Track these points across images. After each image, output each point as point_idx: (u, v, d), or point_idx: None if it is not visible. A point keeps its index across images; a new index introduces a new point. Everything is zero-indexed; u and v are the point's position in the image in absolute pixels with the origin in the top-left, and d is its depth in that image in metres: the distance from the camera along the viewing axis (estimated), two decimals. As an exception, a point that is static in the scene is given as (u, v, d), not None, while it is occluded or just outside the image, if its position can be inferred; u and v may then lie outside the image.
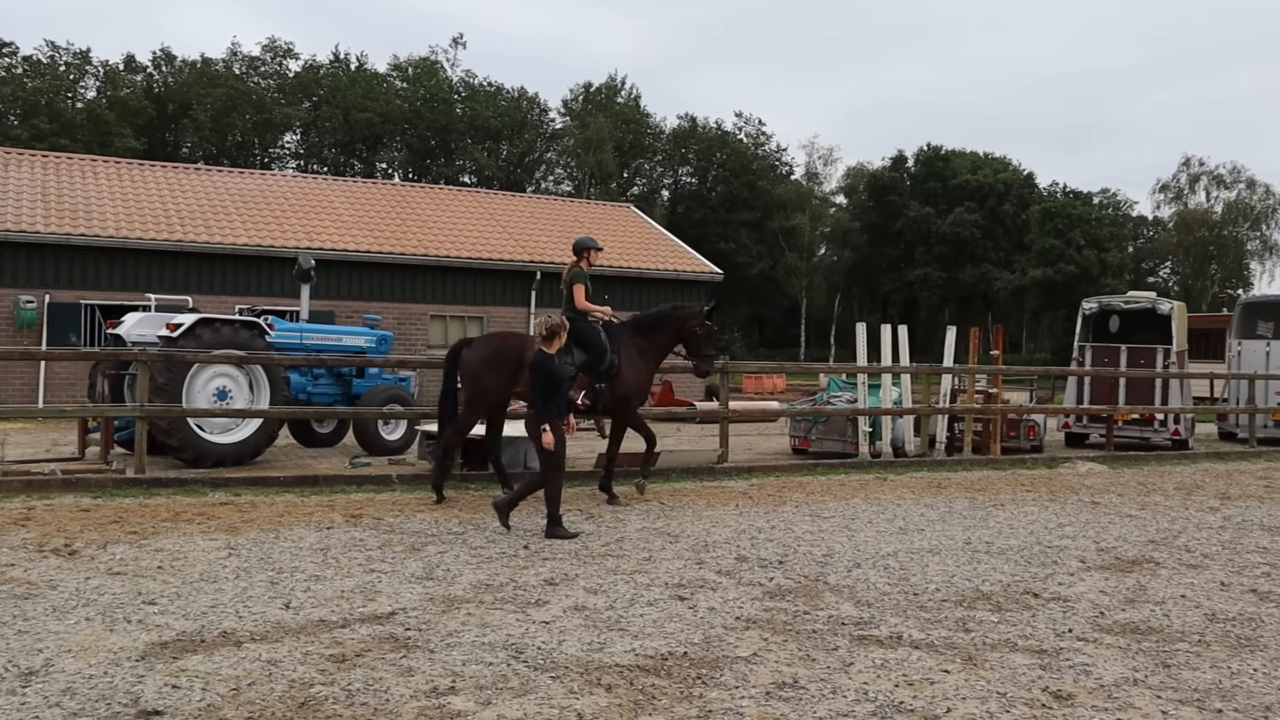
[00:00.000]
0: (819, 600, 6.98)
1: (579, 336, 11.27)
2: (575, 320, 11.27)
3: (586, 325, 11.56)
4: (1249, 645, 6.18)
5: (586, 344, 11.42)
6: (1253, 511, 11.64)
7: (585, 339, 11.41)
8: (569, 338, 10.46)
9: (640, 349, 11.95)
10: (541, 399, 9.21)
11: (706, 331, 12.13)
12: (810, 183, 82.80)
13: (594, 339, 11.52)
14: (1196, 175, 79.35)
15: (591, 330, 11.58)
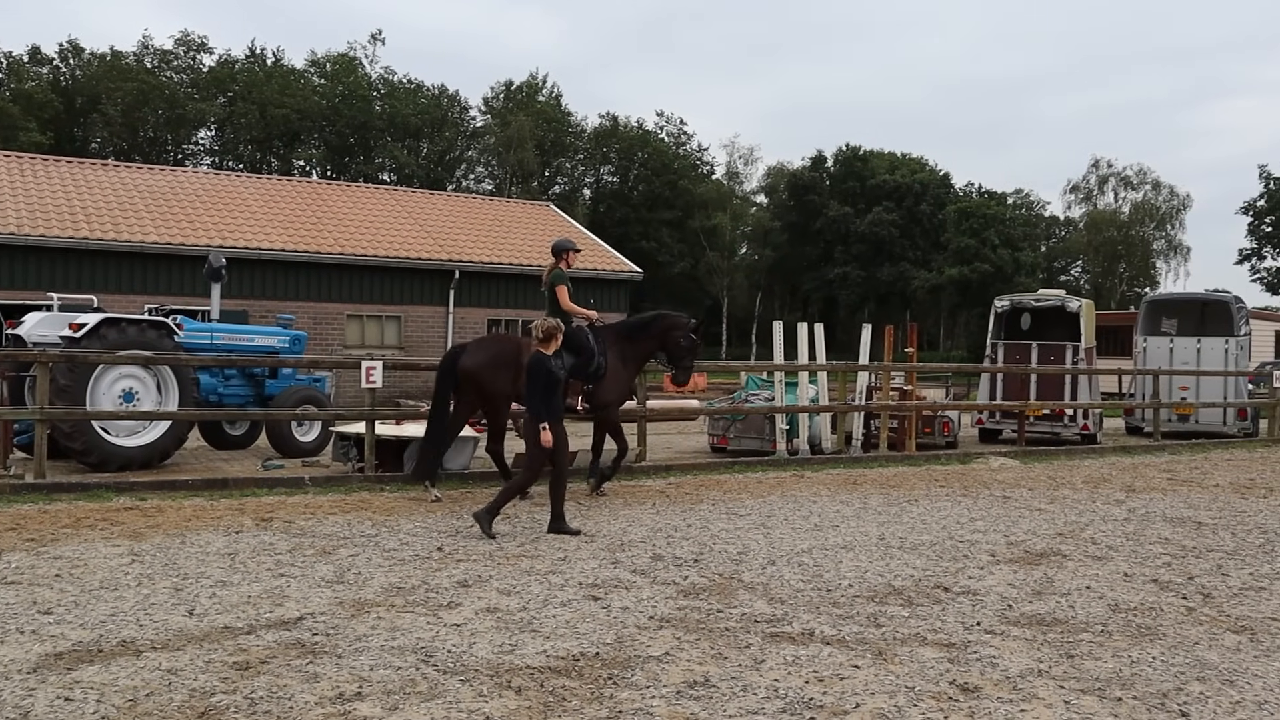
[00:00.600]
0: (733, 598, 6.99)
1: (570, 340, 11.17)
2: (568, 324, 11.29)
3: (574, 328, 11.52)
4: (1149, 634, 6.32)
5: (575, 346, 11.39)
6: (1156, 504, 11.93)
7: (573, 341, 11.35)
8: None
9: (624, 353, 12.05)
10: (540, 400, 9.21)
11: (691, 344, 12.29)
12: (731, 182, 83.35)
13: (582, 341, 11.56)
14: (1105, 177, 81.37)
15: (579, 333, 11.60)
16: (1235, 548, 9.24)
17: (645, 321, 12.46)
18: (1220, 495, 12.81)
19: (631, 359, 12.21)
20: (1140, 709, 5.01)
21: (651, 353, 12.45)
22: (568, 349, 11.03)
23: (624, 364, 12.05)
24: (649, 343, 12.30)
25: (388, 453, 13.05)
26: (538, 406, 9.22)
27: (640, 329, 12.34)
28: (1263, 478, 14.79)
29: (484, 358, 11.17)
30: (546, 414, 9.19)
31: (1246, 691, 5.29)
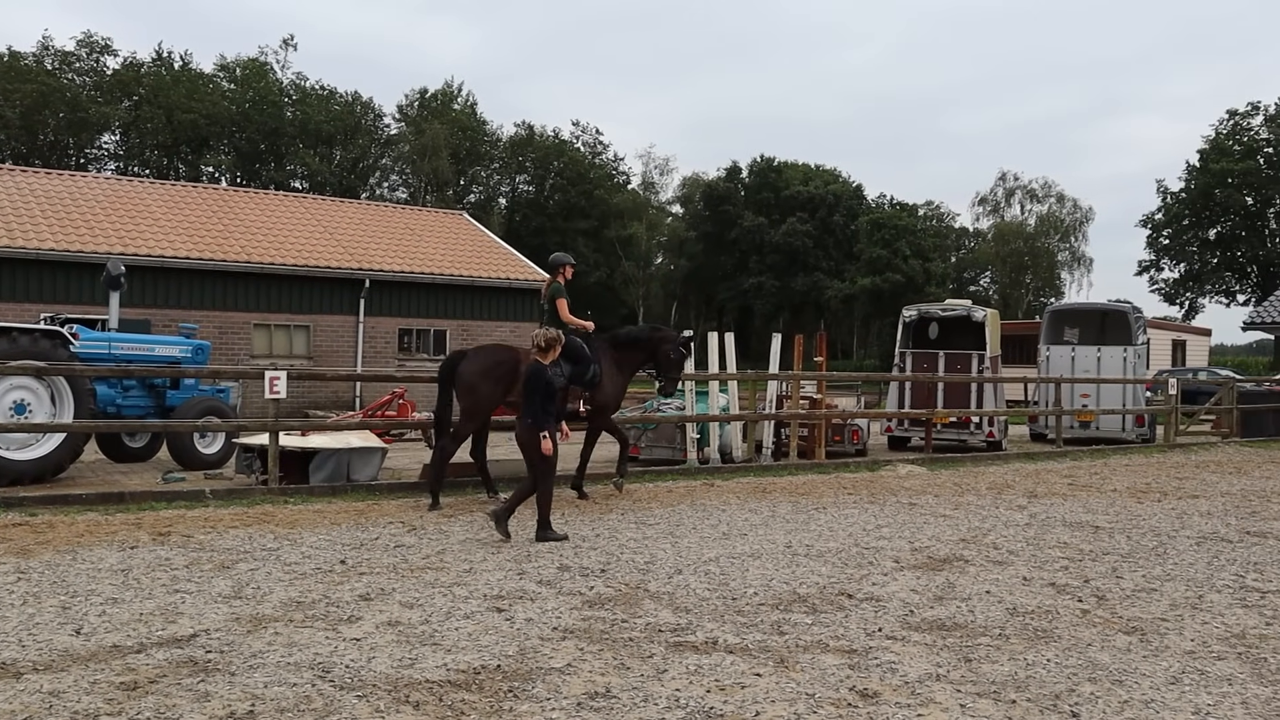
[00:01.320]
0: (638, 608, 6.97)
1: (568, 349, 11.69)
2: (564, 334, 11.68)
3: (572, 337, 12.05)
4: (1044, 636, 6.43)
5: (574, 355, 11.94)
6: (1056, 508, 12.19)
7: (572, 350, 11.91)
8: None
9: (617, 361, 12.68)
10: (539, 408, 9.45)
11: (680, 356, 13.01)
12: (647, 192, 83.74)
13: (580, 351, 12.10)
14: (1012, 190, 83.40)
15: (577, 342, 12.13)
16: (1130, 551, 9.47)
17: (637, 334, 13.13)
18: (1117, 500, 13.14)
19: (624, 367, 12.83)
20: (1033, 710, 5.09)
21: (642, 363, 13.05)
22: (566, 358, 11.63)
23: (618, 371, 12.70)
24: (640, 354, 12.95)
25: (293, 464, 12.81)
26: (537, 414, 9.45)
27: (632, 340, 12.99)
28: (1158, 482, 15.20)
29: (479, 367, 11.61)
30: (544, 422, 9.43)
31: (1134, 691, 5.41)
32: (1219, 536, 10.36)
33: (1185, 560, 9.04)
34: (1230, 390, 25.36)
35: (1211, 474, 16.60)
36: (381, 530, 9.86)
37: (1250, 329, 30.25)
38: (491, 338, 29.26)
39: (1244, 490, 14.40)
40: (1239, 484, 15.19)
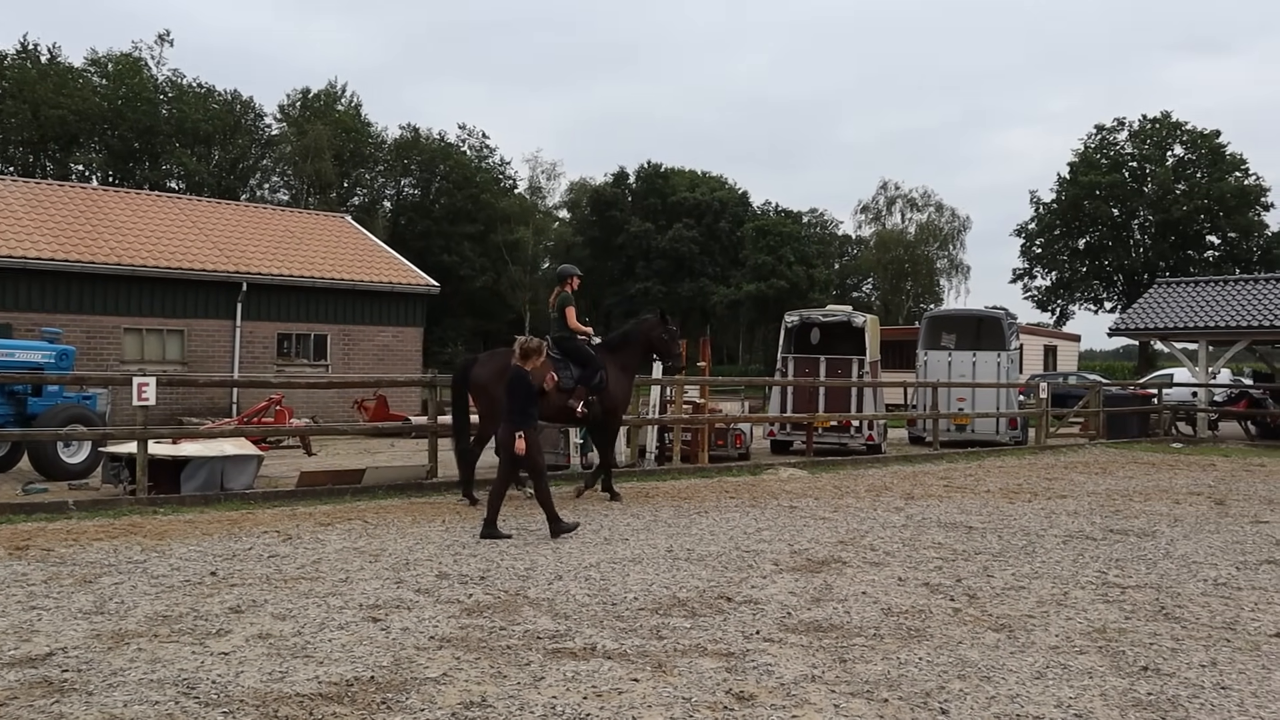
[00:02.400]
0: (517, 615, 6.90)
1: (575, 353, 12.77)
2: (569, 339, 12.86)
3: (579, 343, 12.88)
4: (917, 635, 6.56)
5: (582, 360, 12.76)
6: (932, 510, 12.47)
7: (580, 355, 12.79)
8: (565, 354, 12.64)
9: (619, 364, 13.25)
10: (519, 411, 9.99)
11: (671, 335, 13.70)
12: (534, 197, 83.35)
13: (587, 355, 12.85)
14: (893, 198, 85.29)
15: (584, 347, 12.91)
16: (1001, 550, 9.73)
17: (627, 333, 13.83)
18: (990, 500, 13.50)
19: (627, 367, 13.46)
20: (905, 709, 5.17)
21: (642, 356, 13.77)
22: (575, 362, 12.69)
23: (622, 373, 13.30)
24: (638, 349, 13.60)
25: (163, 474, 12.41)
26: (517, 416, 9.97)
27: (624, 340, 13.64)
28: (1029, 483, 15.67)
29: (493, 369, 12.03)
30: (523, 424, 9.93)
31: (1002, 687, 5.54)
32: (1084, 535, 10.71)
33: (1052, 558, 9.32)
34: (1097, 394, 26.32)
35: (1079, 474, 17.18)
36: (255, 540, 9.60)
37: (1116, 335, 31.41)
38: (374, 343, 28.83)
39: (1108, 490, 14.93)
40: (1104, 484, 15.75)
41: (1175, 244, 69.94)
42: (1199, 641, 6.54)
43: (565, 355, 12.75)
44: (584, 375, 12.65)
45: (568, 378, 12.47)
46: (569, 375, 12.48)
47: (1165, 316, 28.54)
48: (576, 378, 12.57)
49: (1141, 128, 71.52)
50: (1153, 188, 69.37)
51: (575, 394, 12.56)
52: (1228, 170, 68.79)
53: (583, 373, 12.65)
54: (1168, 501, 13.63)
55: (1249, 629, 6.89)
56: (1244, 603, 7.66)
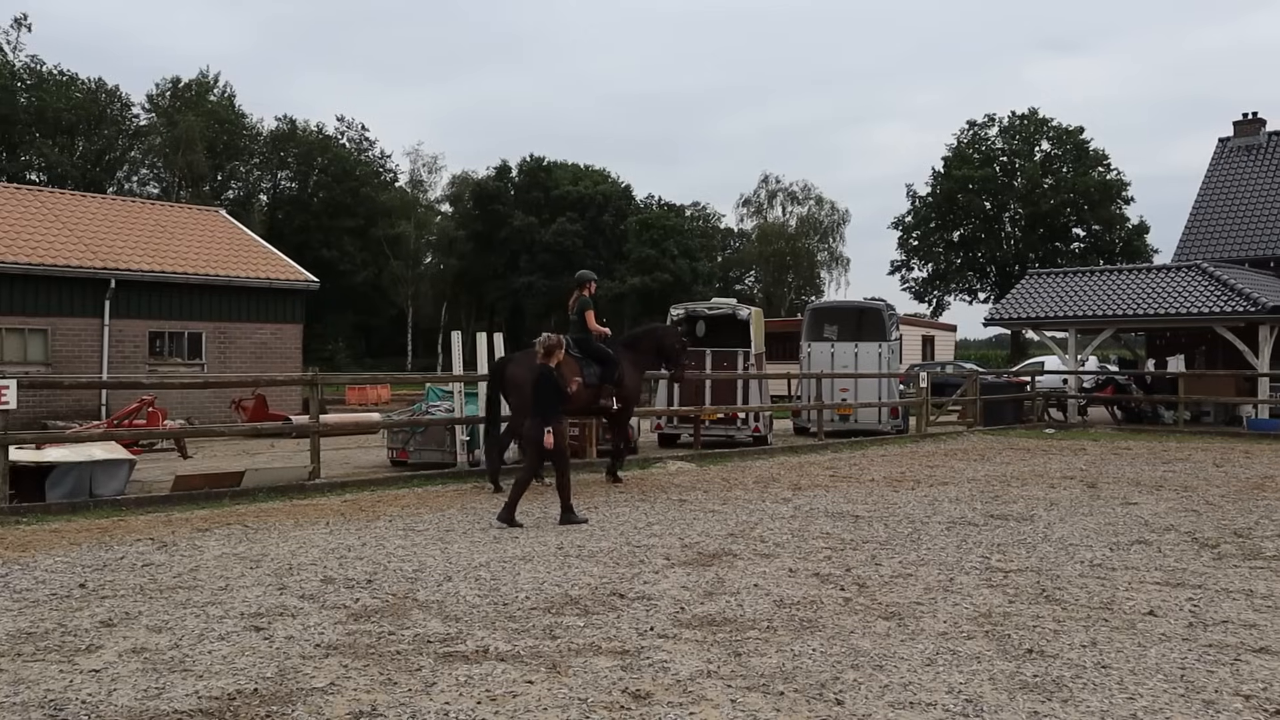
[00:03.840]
0: (406, 619, 6.74)
1: (595, 352, 13.93)
2: (588, 339, 13.97)
3: (598, 343, 14.05)
4: (810, 627, 6.60)
5: (601, 358, 13.93)
6: (819, 500, 12.62)
7: (600, 354, 13.96)
8: (586, 353, 13.72)
9: (633, 360, 14.48)
10: (544, 406, 10.60)
11: (683, 346, 15.26)
12: (415, 190, 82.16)
13: (606, 354, 14.01)
14: (774, 191, 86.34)
15: (603, 346, 14.07)
16: (887, 538, 9.88)
17: (644, 334, 15.21)
18: (875, 489, 13.72)
19: (639, 365, 14.69)
20: (800, 701, 5.18)
21: (654, 356, 15.02)
22: (595, 360, 13.84)
23: (635, 369, 14.53)
24: (651, 349, 14.92)
25: (26, 481, 11.84)
26: (543, 411, 10.60)
27: (641, 340, 15.00)
28: (911, 471, 15.99)
29: (527, 367, 12.37)
30: (551, 418, 10.52)
31: (894, 675, 5.60)
32: (966, 521, 10.95)
33: (937, 545, 9.50)
34: (974, 382, 27.04)
35: (959, 461, 17.60)
36: (128, 549, 9.22)
37: (990, 324, 32.34)
38: (252, 340, 28.06)
39: (987, 475, 15.32)
40: (983, 470, 16.16)
41: (1044, 236, 72.27)
42: (1079, 622, 6.72)
43: (586, 354, 13.80)
44: (605, 372, 13.86)
45: (591, 374, 13.64)
46: (592, 372, 13.66)
47: (1036, 306, 29.45)
48: (599, 374, 13.76)
49: (1011, 123, 73.73)
50: (1022, 182, 71.57)
51: (601, 390, 13.83)
52: (1091, 165, 71.40)
53: (603, 369, 13.85)
54: (1043, 486, 14.04)
55: (1124, 608, 7.10)
56: (1119, 583, 7.90)
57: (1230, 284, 26.28)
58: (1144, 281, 28.58)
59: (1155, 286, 27.92)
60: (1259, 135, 36.30)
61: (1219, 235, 33.91)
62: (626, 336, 15.16)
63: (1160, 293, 27.45)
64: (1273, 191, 34.21)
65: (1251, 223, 33.70)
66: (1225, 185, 35.56)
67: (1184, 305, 26.50)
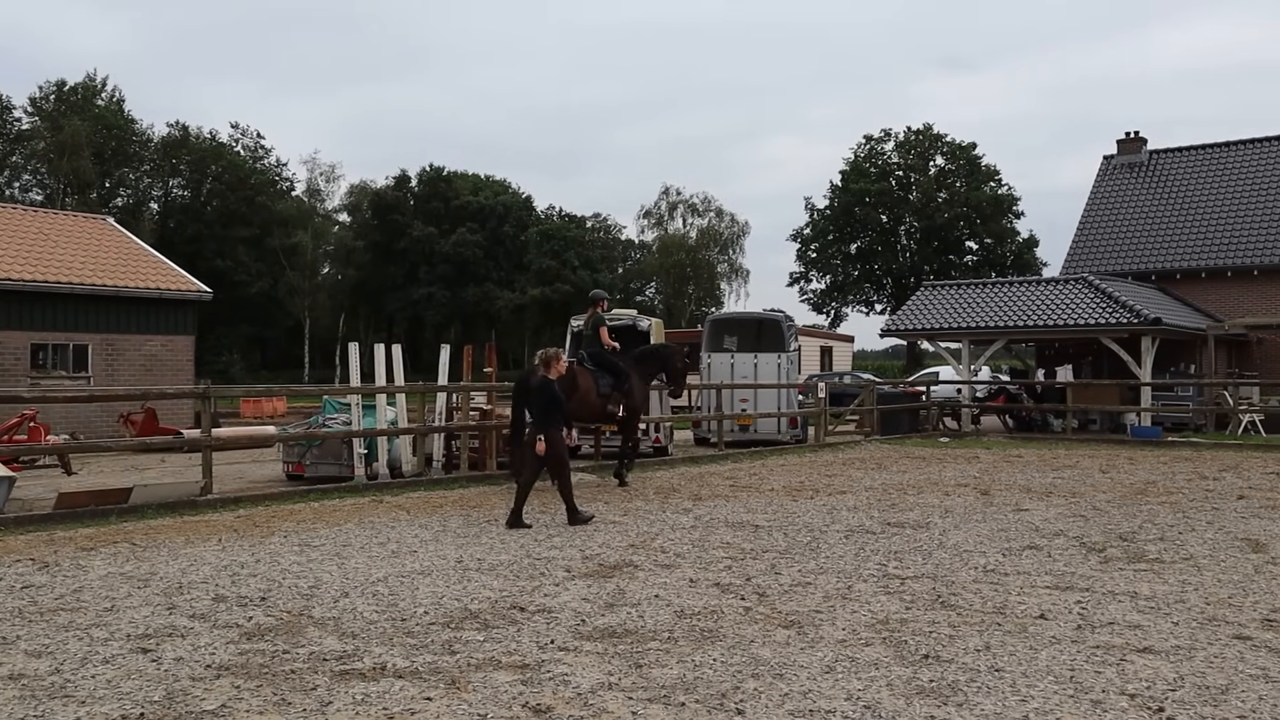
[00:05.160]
0: (301, 636, 6.59)
1: (607, 365, 15.27)
2: (602, 353, 15.35)
3: (609, 356, 15.35)
4: (711, 637, 6.61)
5: (613, 370, 15.23)
6: (719, 510, 12.68)
7: (612, 366, 15.26)
8: (599, 366, 15.13)
9: (640, 373, 15.85)
10: (542, 414, 11.34)
11: (685, 365, 16.64)
12: (312, 200, 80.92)
13: (618, 366, 15.31)
14: (675, 203, 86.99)
15: (614, 359, 15.36)
16: (787, 547, 9.96)
17: (650, 351, 16.70)
18: (775, 499, 13.84)
19: (645, 378, 16.12)
20: (701, 711, 5.18)
21: (656, 373, 16.50)
22: (608, 371, 15.19)
23: (642, 381, 15.98)
24: (654, 367, 16.35)
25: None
26: (543, 419, 11.31)
27: (648, 356, 16.40)
28: (810, 480, 16.17)
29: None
30: (548, 426, 11.26)
31: (794, 683, 5.64)
32: (864, 529, 11.10)
33: (836, 553, 9.61)
34: (871, 392, 27.47)
35: (857, 470, 17.86)
36: (6, 570, 8.86)
37: (887, 335, 32.95)
38: (141, 353, 27.24)
39: (884, 484, 15.58)
40: (880, 478, 16.42)
41: (938, 249, 74.02)
42: (973, 627, 6.85)
43: (599, 367, 15.13)
44: (617, 382, 15.12)
45: (605, 384, 14.94)
46: (606, 383, 14.97)
47: (931, 318, 30.11)
48: (611, 385, 15.02)
49: (906, 139, 75.41)
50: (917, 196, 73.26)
51: (611, 399, 15.04)
52: (983, 180, 73.41)
53: (615, 381, 15.12)
54: (939, 494, 14.32)
55: (1017, 612, 7.26)
56: (1011, 587, 8.08)
57: (1115, 296, 27.19)
58: (1033, 294, 29.42)
59: (1044, 299, 28.76)
60: (1141, 154, 37.67)
61: (1104, 249, 35.06)
62: (637, 352, 16.45)
63: (1049, 305, 28.28)
64: (1153, 208, 35.52)
65: (1134, 238, 34.91)
66: (1109, 201, 36.80)
67: (1071, 317, 27.33)
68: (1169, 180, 36.29)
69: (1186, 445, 22.98)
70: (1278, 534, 10.70)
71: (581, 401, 14.61)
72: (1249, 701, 5.36)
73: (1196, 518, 11.92)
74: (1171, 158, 37.24)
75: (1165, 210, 35.13)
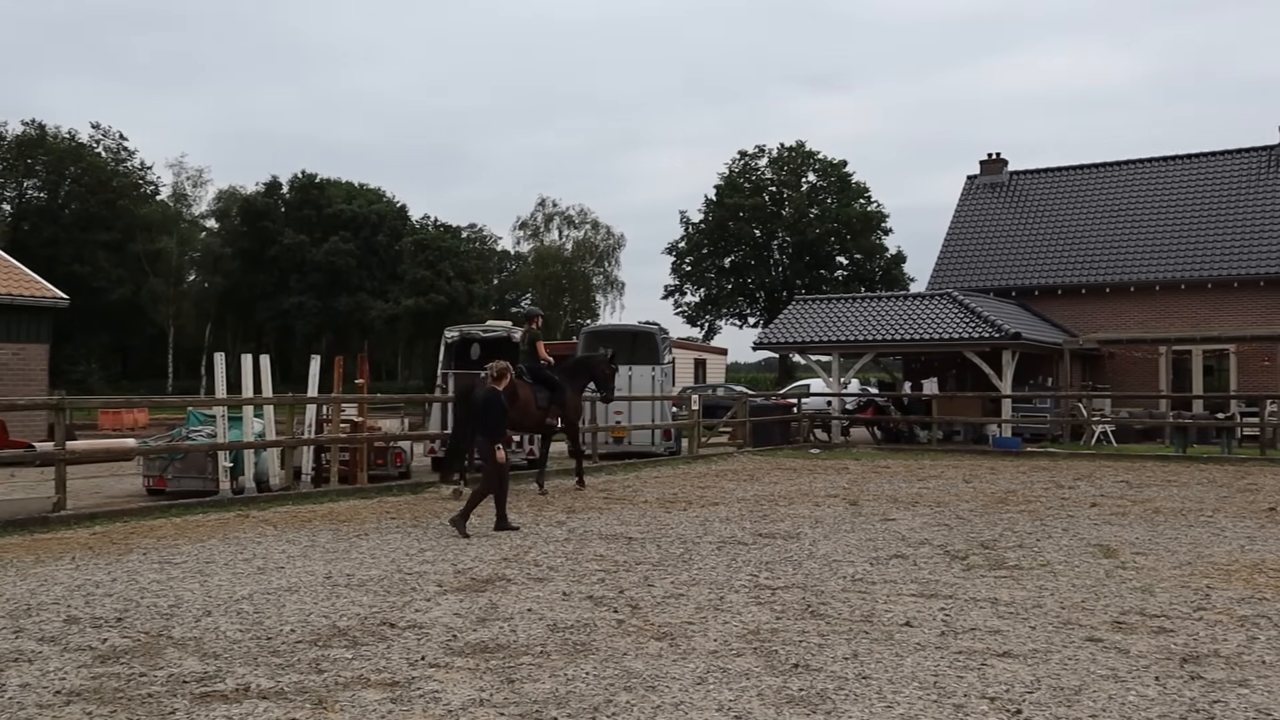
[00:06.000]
0: (159, 658, 6.36)
1: (544, 378, 15.92)
2: (539, 367, 15.99)
3: (546, 370, 16.06)
4: (584, 650, 6.59)
5: (550, 383, 15.94)
6: (593, 522, 12.68)
7: (548, 379, 15.98)
8: (536, 379, 15.75)
9: (574, 385, 16.72)
10: (495, 425, 11.88)
11: (612, 372, 17.53)
12: (178, 204, 78.49)
13: (554, 380, 16.05)
14: (551, 215, 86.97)
15: (550, 373, 16.09)
16: (660, 559, 10.01)
17: (580, 362, 17.55)
18: (648, 511, 13.90)
19: (579, 387, 16.94)
20: (573, 726, 5.17)
21: (587, 382, 17.13)
22: (544, 385, 15.82)
23: (577, 391, 16.85)
24: (585, 377, 17.06)
25: None
26: (492, 431, 11.81)
27: (578, 367, 17.19)
28: (683, 492, 16.29)
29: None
30: (498, 436, 11.82)
31: (666, 695, 5.66)
32: (736, 540, 11.22)
33: (708, 564, 9.69)
34: (744, 405, 27.84)
35: (729, 482, 18.05)
36: None
37: (760, 348, 33.41)
38: (-10, 362, 25.98)
39: (756, 495, 15.78)
40: (752, 490, 16.63)
41: (810, 264, 75.46)
42: (842, 636, 6.97)
43: (537, 380, 15.75)
44: (554, 395, 15.86)
45: (543, 397, 15.64)
46: (543, 395, 15.67)
47: (802, 331, 30.67)
48: (549, 398, 15.73)
49: (780, 155, 76.74)
50: (789, 211, 74.55)
51: (550, 411, 15.80)
52: (854, 197, 75.15)
53: (552, 393, 15.84)
54: (809, 504, 14.56)
55: (884, 620, 7.42)
56: (878, 596, 8.26)
57: (978, 311, 28.10)
58: (901, 308, 30.22)
59: (911, 313, 29.56)
60: (1002, 174, 39.08)
61: (968, 266, 36.23)
62: (568, 364, 17.25)
63: (916, 319, 29.09)
64: (1014, 227, 36.85)
65: (996, 255, 36.17)
66: (973, 220, 38.07)
67: (937, 331, 28.16)
68: (1028, 200, 37.73)
69: (1044, 455, 23.84)
70: (1128, 540, 11.18)
71: (522, 412, 15.26)
72: (1099, 701, 5.57)
73: (1053, 525, 12.37)
74: (1031, 178, 38.74)
75: (1025, 229, 36.50)
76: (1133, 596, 8.26)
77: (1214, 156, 35.84)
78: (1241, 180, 34.35)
